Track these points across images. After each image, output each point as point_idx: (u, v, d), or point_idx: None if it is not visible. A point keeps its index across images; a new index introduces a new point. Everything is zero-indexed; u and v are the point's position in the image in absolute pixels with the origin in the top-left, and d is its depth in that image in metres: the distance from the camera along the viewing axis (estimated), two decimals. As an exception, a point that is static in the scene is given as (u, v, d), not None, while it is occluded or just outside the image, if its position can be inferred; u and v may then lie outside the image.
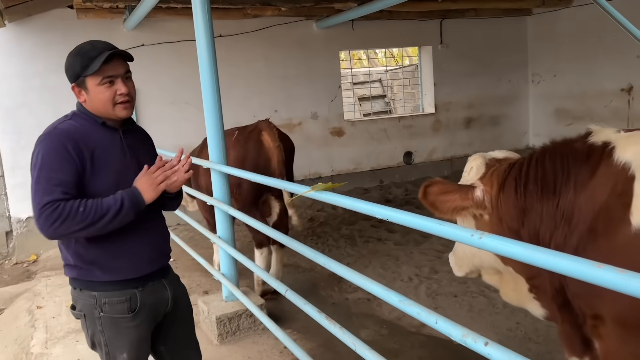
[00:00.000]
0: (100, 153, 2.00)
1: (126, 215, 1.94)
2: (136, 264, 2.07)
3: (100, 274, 2.02)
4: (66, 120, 2.03)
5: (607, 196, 1.79)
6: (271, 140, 4.45)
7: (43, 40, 6.70)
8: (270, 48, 8.00)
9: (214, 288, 5.02)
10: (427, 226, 1.56)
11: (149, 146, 2.30)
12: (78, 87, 2.03)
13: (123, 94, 2.01)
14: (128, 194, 1.95)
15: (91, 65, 1.95)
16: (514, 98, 9.93)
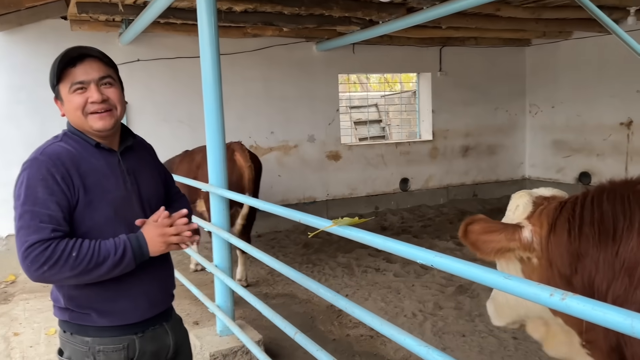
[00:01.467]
0: (95, 181, 1.72)
1: (127, 266, 1.69)
2: (137, 307, 1.80)
3: (97, 317, 1.75)
4: (55, 143, 1.76)
5: None
6: (243, 160, 5.06)
7: (34, 51, 6.46)
8: (268, 68, 7.83)
9: (204, 318, 4.73)
10: (489, 279, 1.33)
11: (153, 166, 2.02)
12: (57, 99, 1.79)
13: (95, 102, 1.72)
14: (133, 243, 1.69)
15: (56, 71, 1.71)
16: (512, 128, 9.86)
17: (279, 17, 6.24)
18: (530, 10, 6.49)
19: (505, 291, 1.29)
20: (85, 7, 5.55)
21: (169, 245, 1.75)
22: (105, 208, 1.72)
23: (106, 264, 1.64)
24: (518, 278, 1.27)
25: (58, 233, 1.61)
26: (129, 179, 1.82)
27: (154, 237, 1.72)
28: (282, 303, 5.11)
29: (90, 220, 1.70)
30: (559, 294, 1.15)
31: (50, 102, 6.31)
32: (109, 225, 1.71)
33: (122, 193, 1.78)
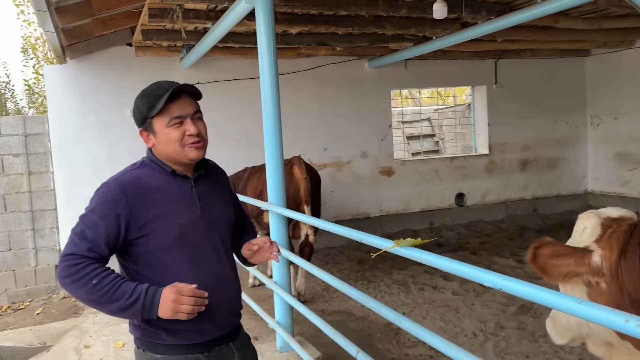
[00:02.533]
0: (165, 208, 1.83)
1: (133, 315, 1.73)
2: (203, 328, 1.87)
3: (165, 336, 1.84)
4: (132, 170, 1.89)
5: None
6: (300, 172, 5.29)
7: (101, 77, 6.83)
8: (321, 87, 7.95)
9: (263, 333, 4.79)
10: (561, 304, 1.32)
11: (224, 191, 2.10)
12: (146, 131, 1.88)
13: (192, 135, 1.84)
14: (147, 297, 1.72)
15: (157, 105, 1.81)
16: (572, 141, 9.54)
17: (332, 37, 6.35)
18: (590, 21, 6.31)
19: (578, 317, 1.28)
20: (149, 35, 5.85)
21: (176, 313, 1.71)
22: (172, 232, 1.82)
23: (116, 304, 1.69)
24: (591, 303, 1.26)
25: (93, 253, 1.71)
26: (199, 205, 1.91)
27: (167, 299, 1.71)
28: (338, 320, 5.12)
29: (155, 243, 1.80)
30: (635, 320, 1.13)
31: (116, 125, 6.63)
32: (175, 248, 1.80)
33: (191, 218, 1.87)
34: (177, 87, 1.83)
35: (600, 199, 9.36)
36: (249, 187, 5.84)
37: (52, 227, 6.91)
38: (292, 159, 5.51)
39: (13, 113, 13.37)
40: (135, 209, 1.78)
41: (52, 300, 6.73)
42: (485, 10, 5.39)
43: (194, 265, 1.86)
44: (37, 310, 6.37)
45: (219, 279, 1.92)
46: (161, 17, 5.01)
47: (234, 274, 2.04)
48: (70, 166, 6.74)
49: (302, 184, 5.24)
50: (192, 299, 1.72)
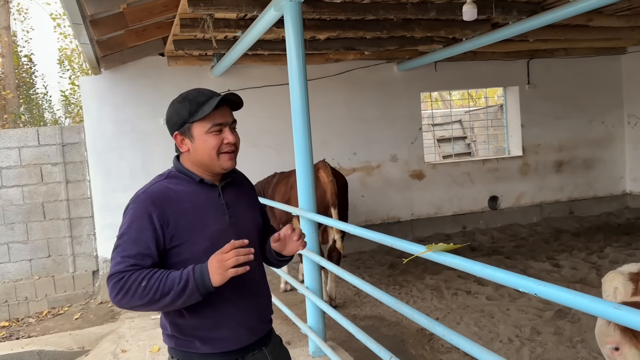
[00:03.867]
0: (194, 217, 1.84)
1: (190, 296, 1.72)
2: (237, 335, 1.89)
3: (200, 345, 1.86)
4: (160, 181, 1.91)
5: None
6: (326, 175, 5.33)
7: (135, 86, 7.00)
8: (350, 91, 7.96)
9: (295, 338, 4.81)
10: (597, 309, 1.29)
11: (251, 199, 2.12)
12: (182, 135, 1.89)
13: (230, 143, 1.86)
14: (196, 272, 1.72)
15: (200, 110, 1.82)
16: (609, 141, 9.28)
17: (360, 41, 6.35)
18: (625, 19, 6.15)
19: (615, 322, 1.24)
20: (181, 44, 5.97)
21: (226, 270, 1.70)
22: (203, 242, 1.84)
23: (171, 294, 1.70)
24: (629, 308, 1.22)
25: (136, 267, 1.74)
26: (228, 212, 1.93)
27: (212, 265, 1.72)
28: (370, 325, 5.10)
29: (189, 252, 1.82)
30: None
31: (150, 133, 6.76)
32: (206, 257, 1.78)
33: (220, 226, 1.88)
34: (225, 96, 1.86)
35: (639, 200, 9.08)
36: (277, 193, 5.88)
37: (89, 234, 7.09)
38: (318, 163, 5.55)
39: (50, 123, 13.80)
40: (167, 219, 1.81)
41: (89, 305, 6.91)
42: (516, 11, 5.31)
43: None
44: (76, 315, 6.55)
45: (250, 286, 1.93)
46: (192, 27, 5.11)
47: (264, 279, 2.06)
48: (106, 174, 6.91)
49: (328, 187, 5.26)
50: (234, 251, 1.71)
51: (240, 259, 1.71)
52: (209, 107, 1.81)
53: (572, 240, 7.69)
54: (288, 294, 6.08)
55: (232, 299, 1.86)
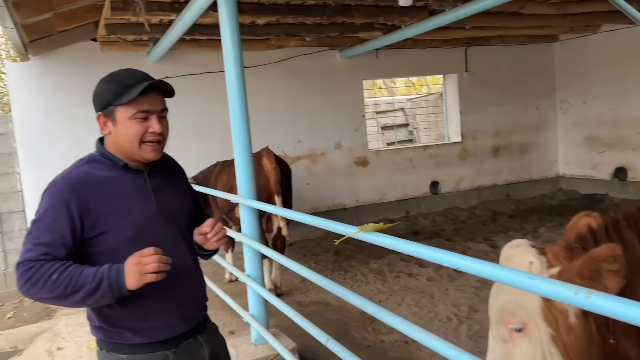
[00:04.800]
0: (117, 204, 1.75)
1: (102, 297, 1.64)
2: (169, 324, 1.83)
3: (130, 335, 1.78)
4: (80, 166, 1.79)
5: None
6: (269, 163, 5.29)
7: (66, 73, 6.69)
8: (293, 79, 7.91)
9: (240, 328, 4.77)
10: (513, 279, 1.33)
11: (180, 184, 2.04)
12: (105, 117, 1.78)
13: (155, 133, 1.77)
14: (112, 273, 1.65)
15: (126, 94, 1.71)
16: (543, 126, 9.68)
17: (301, 27, 6.31)
18: (555, 6, 6.38)
19: (530, 291, 1.28)
20: (114, 29, 5.73)
21: (143, 275, 1.64)
22: (128, 229, 1.75)
23: (82, 291, 1.62)
24: (542, 277, 1.26)
25: (49, 257, 1.64)
26: (155, 199, 1.85)
27: (130, 266, 1.65)
28: (315, 311, 5.13)
29: (112, 241, 1.74)
30: (583, 292, 1.14)
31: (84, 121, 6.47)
32: (132, 245, 1.72)
33: (146, 213, 1.80)
34: (153, 82, 1.76)
35: (571, 182, 9.54)
36: (219, 182, 5.78)
37: (21, 229, 6.75)
38: (261, 151, 5.50)
39: (-22, 114, 13.00)
40: (87, 206, 1.71)
41: (23, 303, 6.59)
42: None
43: None
44: (8, 314, 6.24)
45: (181, 273, 1.86)
46: (124, 10, 4.90)
47: (197, 266, 2.01)
48: (38, 166, 6.58)
49: (271, 174, 5.22)
50: (155, 257, 1.64)
51: (160, 267, 1.64)
52: (135, 92, 1.71)
53: (508, 222, 7.99)
54: (233, 284, 6.02)
55: (162, 288, 1.77)
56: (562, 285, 1.20)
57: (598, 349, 1.67)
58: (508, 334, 1.77)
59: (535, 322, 1.69)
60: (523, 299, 1.70)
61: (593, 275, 1.55)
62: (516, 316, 1.72)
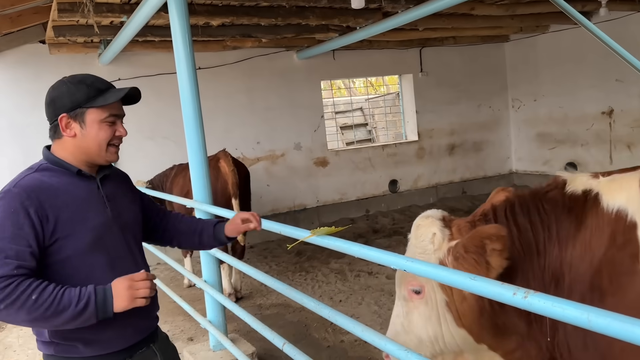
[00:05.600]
0: (74, 211, 1.71)
1: (87, 320, 1.61)
2: (123, 334, 1.80)
3: (83, 348, 1.74)
4: (31, 174, 1.74)
5: (606, 249, 1.64)
6: (227, 165, 5.24)
7: (13, 77, 6.46)
8: (251, 80, 7.87)
9: (199, 334, 4.72)
10: (456, 280, 1.36)
11: (130, 192, 2.03)
12: (71, 118, 1.75)
13: (121, 137, 1.84)
14: (98, 296, 1.61)
15: (101, 98, 1.75)
16: (496, 124, 9.94)
17: (256, 28, 6.28)
18: (504, 7, 6.57)
19: (471, 291, 1.32)
20: (62, 31, 5.56)
21: (134, 299, 1.65)
22: (85, 236, 1.72)
23: (65, 314, 1.57)
24: (483, 278, 1.30)
25: (22, 270, 1.57)
26: (109, 205, 1.83)
27: (122, 290, 1.63)
28: (276, 313, 5.12)
29: (70, 249, 1.70)
30: (521, 292, 1.18)
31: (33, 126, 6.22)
32: (89, 253, 1.70)
33: (102, 219, 1.79)
34: (132, 91, 1.82)
35: (524, 178, 9.84)
36: (175, 186, 5.68)
37: (-32, 239, 6.46)
38: (218, 154, 5.44)
39: None
40: (45, 212, 1.66)
41: (-28, 316, 6.32)
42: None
43: (110, 269, 1.77)
44: (-45, 328, 5.97)
45: None
46: (72, 12, 4.76)
47: None
48: (-16, 173, 6.32)
49: (229, 177, 5.17)
50: (148, 282, 1.66)
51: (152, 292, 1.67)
52: (114, 97, 1.76)
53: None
54: (192, 290, 5.95)
55: None
56: (501, 286, 1.24)
57: (488, 319, 1.80)
58: (408, 295, 1.91)
59: (432, 287, 1.84)
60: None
61: (477, 251, 1.70)
62: (416, 279, 1.87)
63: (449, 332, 1.87)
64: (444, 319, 1.87)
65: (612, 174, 1.79)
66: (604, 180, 1.76)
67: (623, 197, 1.66)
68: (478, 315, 1.81)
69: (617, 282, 1.60)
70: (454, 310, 1.84)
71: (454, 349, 1.95)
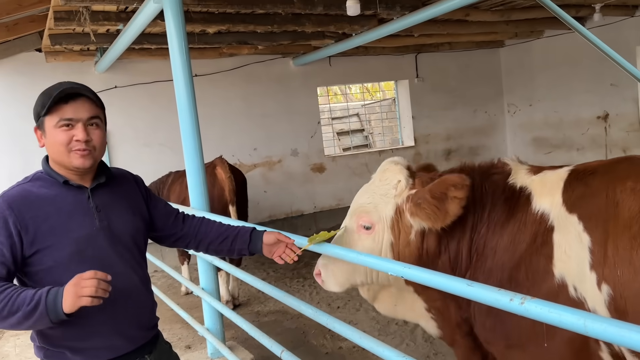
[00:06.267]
0: (57, 221, 1.73)
1: (39, 320, 1.58)
2: (111, 344, 1.79)
3: (70, 355, 1.74)
4: (22, 184, 1.79)
5: (527, 246, 1.80)
6: (223, 172, 5.25)
7: (10, 85, 6.47)
8: (247, 86, 7.89)
9: (196, 342, 4.71)
10: (453, 286, 1.37)
11: (130, 201, 1.98)
12: (39, 129, 1.79)
13: (80, 141, 1.73)
14: (50, 295, 1.59)
15: (48, 103, 1.71)
16: (492, 129, 9.98)
17: (252, 35, 6.30)
18: (499, 13, 6.61)
19: (466, 297, 1.33)
20: (58, 39, 5.57)
21: (79, 298, 1.56)
22: (67, 247, 1.73)
23: (18, 314, 1.57)
24: (480, 285, 1.31)
25: None
26: (98, 216, 1.82)
27: (68, 288, 1.59)
28: (274, 320, 5.11)
29: (51, 259, 1.71)
30: (518, 298, 1.19)
31: (30, 134, 6.23)
32: (73, 263, 1.70)
33: (87, 231, 1.78)
34: (69, 89, 1.74)
35: (521, 183, 9.85)
36: (172, 193, 5.68)
37: (-36, 247, 6.44)
38: (214, 161, 5.46)
39: None
40: (25, 224, 1.69)
41: (-32, 326, 6.29)
42: (399, 6, 5.52)
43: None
44: (-48, 338, 5.94)
45: (126, 292, 1.83)
46: (68, 20, 4.78)
47: (145, 285, 1.97)
48: (-20, 181, 6.31)
49: (226, 184, 5.18)
50: (94, 281, 1.57)
51: (98, 292, 1.58)
52: (52, 100, 1.71)
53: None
54: (190, 297, 5.93)
55: (104, 307, 1.70)
56: (499, 292, 1.25)
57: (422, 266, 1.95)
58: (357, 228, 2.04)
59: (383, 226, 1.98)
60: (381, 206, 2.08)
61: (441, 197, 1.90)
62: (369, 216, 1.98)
63: None
64: (385, 256, 2.05)
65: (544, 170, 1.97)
66: (537, 180, 1.92)
67: (547, 202, 1.81)
68: (415, 261, 1.98)
69: (532, 278, 1.75)
70: (396, 251, 2.04)
71: (384, 283, 2.16)
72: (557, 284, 1.69)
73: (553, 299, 1.63)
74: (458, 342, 2.15)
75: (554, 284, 1.69)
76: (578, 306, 1.64)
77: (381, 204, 2.08)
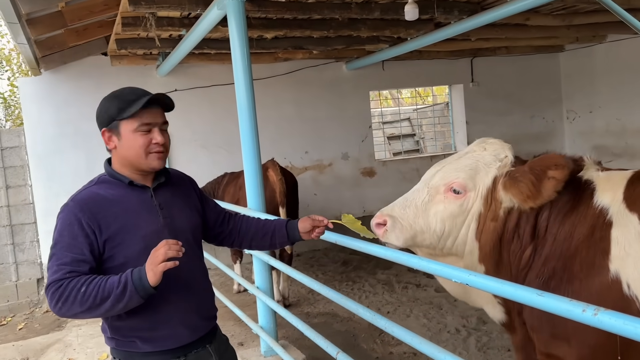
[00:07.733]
0: (126, 220, 1.84)
1: (130, 299, 1.70)
2: (177, 333, 1.90)
3: (140, 344, 1.87)
4: (89, 187, 1.91)
5: (585, 238, 1.82)
6: (275, 175, 5.36)
7: (77, 87, 6.79)
8: (300, 90, 7.98)
9: (249, 339, 4.80)
10: (521, 296, 1.36)
11: (187, 198, 2.09)
12: (110, 132, 1.89)
13: (158, 144, 1.88)
14: (134, 274, 1.71)
15: (129, 109, 1.83)
16: (549, 135, 9.68)
17: (308, 40, 6.38)
18: (560, 18, 6.42)
19: (538, 307, 1.32)
20: (124, 44, 5.83)
21: (157, 265, 1.68)
22: (137, 244, 1.84)
23: (111, 299, 1.68)
24: (551, 295, 1.30)
25: (74, 274, 1.72)
26: (161, 213, 1.93)
27: (147, 263, 1.71)
28: (323, 322, 5.15)
29: (122, 256, 1.83)
30: (591, 309, 1.18)
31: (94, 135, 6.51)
32: (142, 259, 1.79)
33: (153, 227, 1.89)
34: (154, 96, 1.87)
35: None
36: (226, 194, 5.83)
37: (33, 240, 6.83)
38: (266, 163, 5.55)
39: (-11, 126, 13.16)
40: (97, 224, 1.80)
41: (34, 314, 6.65)
42: (457, 10, 5.46)
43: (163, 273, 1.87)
44: (20, 325, 6.30)
45: (188, 284, 1.95)
46: (134, 26, 4.99)
47: (205, 277, 2.08)
48: (49, 178, 6.67)
49: (277, 186, 5.27)
50: (165, 246, 1.69)
51: (169, 253, 1.69)
52: (137, 106, 1.82)
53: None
54: (241, 295, 6.06)
55: (170, 298, 1.87)
56: (570, 303, 1.23)
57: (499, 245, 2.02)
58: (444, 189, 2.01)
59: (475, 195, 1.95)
60: (481, 174, 2.07)
61: (540, 174, 1.90)
62: (465, 182, 1.95)
63: (465, 237, 2.07)
64: (468, 225, 2.04)
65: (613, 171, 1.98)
66: (603, 176, 1.94)
67: (609, 197, 1.83)
68: (496, 238, 1.99)
69: (586, 270, 1.77)
70: (481, 223, 2.02)
71: (456, 253, 2.12)
72: (611, 279, 1.70)
73: (605, 294, 1.71)
74: (517, 329, 2.15)
75: (607, 279, 1.70)
76: (629, 304, 1.67)
77: (482, 172, 2.09)
